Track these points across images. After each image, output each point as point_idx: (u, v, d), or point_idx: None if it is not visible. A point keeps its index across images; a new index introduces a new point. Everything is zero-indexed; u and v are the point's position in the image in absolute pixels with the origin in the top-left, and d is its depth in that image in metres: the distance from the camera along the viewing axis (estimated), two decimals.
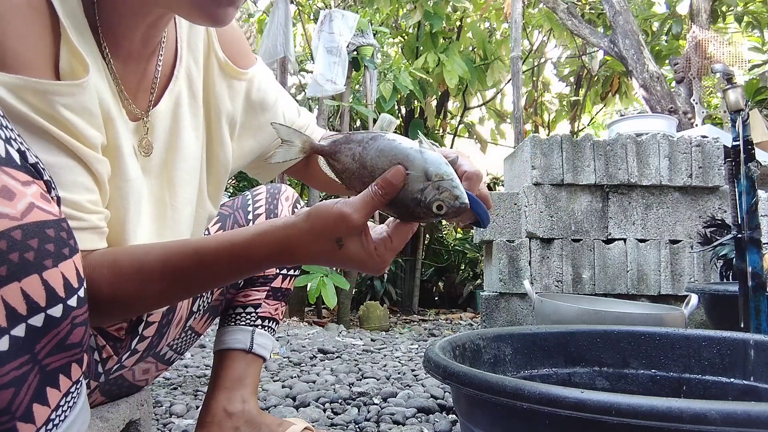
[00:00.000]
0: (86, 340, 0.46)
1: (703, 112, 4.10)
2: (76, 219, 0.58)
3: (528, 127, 6.21)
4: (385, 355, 2.27)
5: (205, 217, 0.82)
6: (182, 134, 0.74)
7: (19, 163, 0.42)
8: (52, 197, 0.46)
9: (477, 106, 6.20)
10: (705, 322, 2.32)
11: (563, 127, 6.77)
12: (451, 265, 5.30)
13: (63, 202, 0.55)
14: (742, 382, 0.97)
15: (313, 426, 1.09)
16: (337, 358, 2.20)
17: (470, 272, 5.12)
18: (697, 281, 2.52)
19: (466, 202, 0.58)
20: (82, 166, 0.59)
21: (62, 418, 0.44)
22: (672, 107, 4.03)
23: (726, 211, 2.53)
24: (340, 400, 1.46)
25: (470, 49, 5.41)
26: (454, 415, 1.34)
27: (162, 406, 1.39)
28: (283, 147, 0.66)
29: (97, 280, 0.59)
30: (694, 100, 4.12)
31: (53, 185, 0.47)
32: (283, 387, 1.61)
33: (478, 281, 4.83)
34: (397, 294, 4.66)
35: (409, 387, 1.63)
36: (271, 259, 0.62)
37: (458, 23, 5.37)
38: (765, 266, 1.35)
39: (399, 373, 1.85)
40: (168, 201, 0.73)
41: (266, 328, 1.02)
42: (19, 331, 0.39)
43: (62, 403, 0.44)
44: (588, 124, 7.00)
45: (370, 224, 0.63)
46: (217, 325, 1.05)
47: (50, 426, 0.43)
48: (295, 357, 2.14)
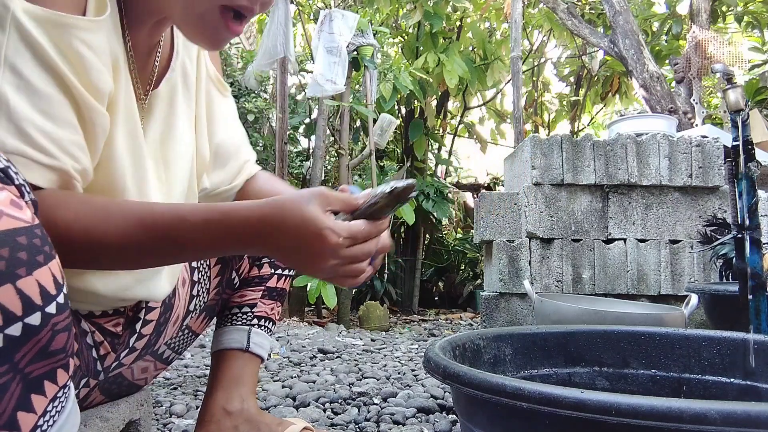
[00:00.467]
0: (70, 346, 0.46)
1: (703, 112, 4.10)
2: (51, 155, 0.55)
3: (528, 127, 6.21)
4: (385, 355, 2.27)
5: (194, 200, 0.84)
6: (177, 121, 0.77)
7: None
8: (26, 201, 0.45)
9: (477, 106, 6.20)
10: (705, 322, 2.32)
11: (563, 127, 6.77)
12: (451, 265, 5.30)
13: (44, 134, 0.54)
14: (742, 382, 0.97)
15: (313, 426, 1.09)
16: (337, 358, 2.20)
17: (470, 272, 5.13)
18: (697, 281, 2.52)
19: (413, 183, 0.64)
20: (74, 110, 0.58)
21: (50, 423, 0.45)
22: (672, 107, 4.03)
23: (726, 211, 2.53)
24: (340, 400, 1.46)
25: (470, 49, 5.40)
26: (454, 415, 1.34)
27: (162, 406, 1.39)
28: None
29: (63, 208, 0.56)
30: (694, 100, 4.12)
31: (26, 189, 0.46)
32: (283, 387, 1.61)
33: (478, 281, 4.84)
34: (397, 294, 4.66)
35: (409, 387, 1.63)
36: (247, 237, 0.61)
37: (458, 23, 5.36)
38: (765, 266, 1.35)
39: (399, 373, 1.85)
40: (164, 178, 0.75)
41: (263, 328, 1.02)
42: None
43: (50, 409, 0.45)
44: (588, 124, 7.00)
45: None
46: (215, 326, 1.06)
47: None
48: (295, 357, 2.14)
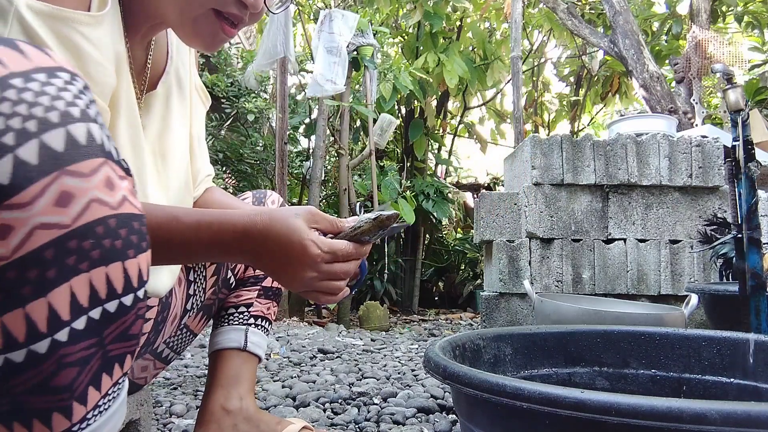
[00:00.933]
0: (142, 334, 0.47)
1: (703, 112, 4.10)
2: None
3: (528, 127, 6.21)
4: (385, 355, 2.27)
5: (190, 199, 0.86)
6: (173, 120, 0.79)
7: (117, 159, 0.44)
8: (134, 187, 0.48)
9: (477, 106, 6.20)
10: (705, 322, 2.32)
11: (563, 127, 6.77)
12: (451, 265, 5.30)
13: None
14: (742, 382, 0.97)
15: (313, 426, 1.09)
16: (337, 358, 2.20)
17: (470, 272, 5.12)
18: (697, 281, 2.52)
19: (395, 213, 0.70)
20: None
21: (106, 407, 0.45)
22: (672, 107, 4.03)
23: (726, 211, 2.53)
24: (340, 400, 1.46)
25: (470, 49, 5.40)
26: (454, 415, 1.34)
27: (162, 406, 1.39)
28: None
29: None
30: (694, 100, 4.12)
31: (135, 184, 0.49)
32: (283, 387, 1.61)
33: (478, 281, 4.83)
34: (397, 294, 4.66)
35: (409, 387, 1.63)
36: (234, 241, 0.65)
37: (458, 23, 5.36)
38: (765, 266, 1.35)
39: (399, 373, 1.85)
40: (162, 172, 0.76)
41: (260, 327, 1.03)
42: (96, 313, 0.41)
43: (110, 392, 0.45)
44: (588, 124, 7.00)
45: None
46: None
47: (96, 412, 0.44)
48: (295, 357, 2.13)
